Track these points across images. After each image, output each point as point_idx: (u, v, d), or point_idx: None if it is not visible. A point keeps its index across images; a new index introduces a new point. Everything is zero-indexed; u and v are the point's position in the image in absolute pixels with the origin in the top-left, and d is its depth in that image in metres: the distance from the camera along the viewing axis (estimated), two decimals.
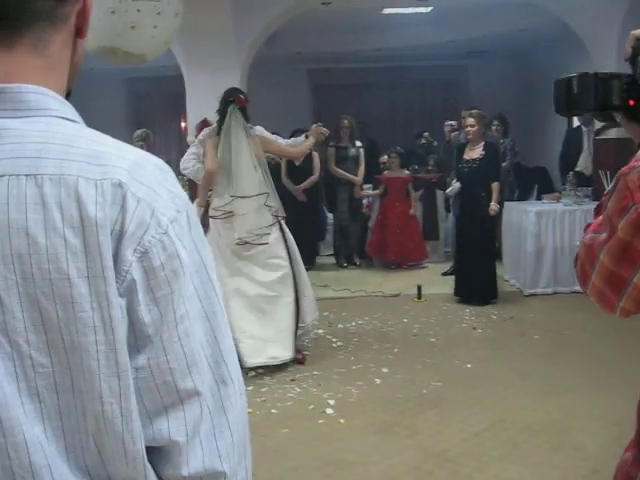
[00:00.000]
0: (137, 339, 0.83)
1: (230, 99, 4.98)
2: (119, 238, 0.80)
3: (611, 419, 3.75)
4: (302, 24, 9.15)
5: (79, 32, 0.94)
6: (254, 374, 4.84)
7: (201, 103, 7.01)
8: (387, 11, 8.96)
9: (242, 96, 5.05)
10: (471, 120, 6.60)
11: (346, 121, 8.89)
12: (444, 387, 4.49)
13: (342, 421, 4.01)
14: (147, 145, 7.25)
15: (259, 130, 5.17)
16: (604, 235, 1.17)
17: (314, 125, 5.50)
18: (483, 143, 6.61)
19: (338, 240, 9.13)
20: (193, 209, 0.90)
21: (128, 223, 0.81)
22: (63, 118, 0.88)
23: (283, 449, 3.67)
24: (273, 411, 4.19)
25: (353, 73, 12.00)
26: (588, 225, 1.28)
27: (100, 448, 0.84)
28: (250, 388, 4.57)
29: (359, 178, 8.86)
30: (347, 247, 9.11)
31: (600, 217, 1.22)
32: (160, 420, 0.85)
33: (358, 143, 8.97)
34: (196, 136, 6.97)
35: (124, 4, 3.90)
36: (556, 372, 4.70)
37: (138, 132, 7.34)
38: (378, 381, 4.64)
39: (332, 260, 9.21)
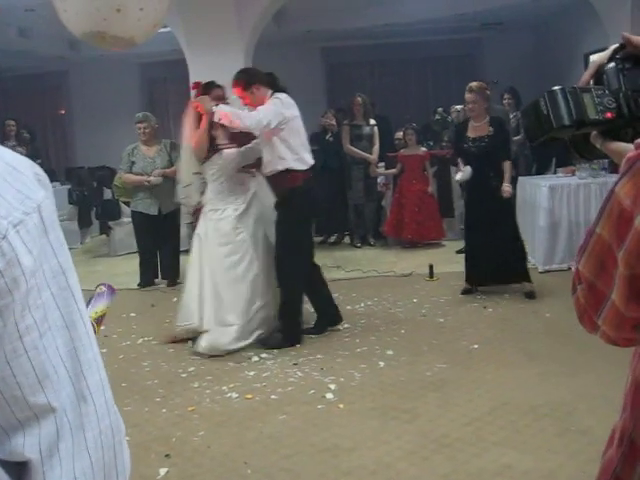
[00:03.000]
0: None
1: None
2: None
3: (623, 402, 3.62)
4: (311, 1, 9.01)
5: None
6: (257, 359, 4.80)
7: None
8: None
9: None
10: (471, 96, 5.88)
11: (359, 99, 8.76)
12: (448, 369, 4.40)
13: (341, 406, 3.94)
14: (147, 126, 7.12)
15: None
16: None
17: None
18: (488, 118, 5.92)
19: (353, 220, 9.03)
20: (50, 211, 0.82)
21: None
22: None
23: (279, 436, 3.61)
24: (272, 397, 4.13)
25: (366, 50, 11.83)
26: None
27: None
28: (252, 373, 4.54)
29: (374, 156, 8.74)
30: (362, 227, 9.02)
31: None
32: (17, 435, 0.80)
33: (372, 121, 8.84)
34: None
35: None
36: (567, 352, 4.57)
37: (139, 115, 7.25)
38: (382, 364, 4.56)
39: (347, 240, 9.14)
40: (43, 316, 0.79)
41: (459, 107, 8.29)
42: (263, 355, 4.87)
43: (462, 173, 6.05)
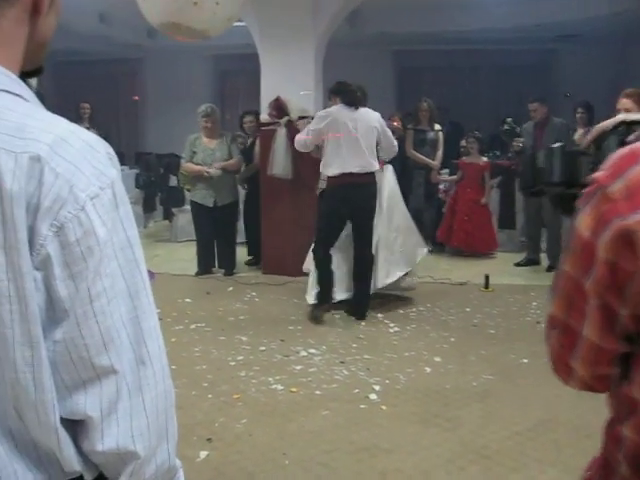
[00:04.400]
0: (56, 312, 0.84)
1: None
2: (35, 212, 0.81)
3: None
4: (386, 3, 9.03)
5: (37, 9, 0.93)
6: (305, 354, 4.85)
7: (274, 81, 7.02)
8: None
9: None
10: (627, 102, 4.81)
11: (425, 104, 8.72)
12: (495, 381, 4.37)
13: (384, 408, 3.96)
14: (212, 121, 7.25)
15: None
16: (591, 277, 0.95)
17: None
18: None
19: None
20: (121, 188, 0.90)
21: (44, 197, 0.81)
22: (5, 91, 0.88)
23: (320, 431, 3.65)
24: (317, 392, 4.18)
25: (438, 55, 11.74)
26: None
27: (20, 414, 0.86)
28: (299, 367, 4.59)
29: (437, 162, 8.69)
30: (420, 232, 8.95)
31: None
32: (78, 394, 0.87)
33: (437, 126, 8.78)
34: (269, 114, 7.01)
35: None
36: None
37: (202, 107, 7.37)
38: (428, 370, 4.56)
39: None
40: (111, 284, 0.86)
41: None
42: (311, 350, 4.92)
43: None
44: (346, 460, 3.35)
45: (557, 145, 1.15)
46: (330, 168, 5.59)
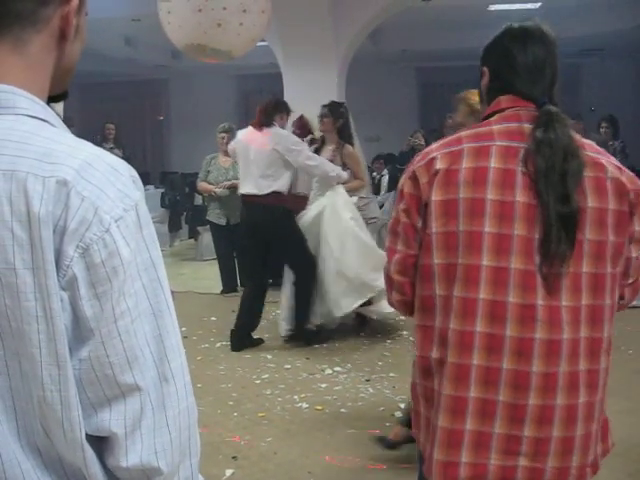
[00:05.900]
0: (81, 331, 0.86)
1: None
2: (62, 234, 0.83)
3: None
4: (408, 21, 9.07)
5: (63, 35, 0.96)
6: (330, 372, 4.85)
7: (298, 99, 7.05)
8: (493, 7, 8.73)
9: None
10: None
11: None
12: None
13: None
14: (229, 138, 7.31)
15: None
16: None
17: None
18: None
19: None
20: (145, 209, 0.91)
21: (70, 220, 0.84)
22: (31, 117, 0.90)
23: (345, 449, 3.64)
24: (342, 410, 4.17)
25: (462, 71, 11.70)
26: None
27: (47, 431, 0.88)
28: (324, 386, 4.59)
29: None
30: None
31: None
32: (103, 411, 0.88)
33: None
34: (293, 132, 7.05)
35: (210, 2, 3.99)
36: None
37: (225, 125, 7.45)
38: None
39: None
40: (135, 304, 0.87)
41: None
42: (336, 368, 4.92)
43: None
44: (369, 478, 3.33)
45: None
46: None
